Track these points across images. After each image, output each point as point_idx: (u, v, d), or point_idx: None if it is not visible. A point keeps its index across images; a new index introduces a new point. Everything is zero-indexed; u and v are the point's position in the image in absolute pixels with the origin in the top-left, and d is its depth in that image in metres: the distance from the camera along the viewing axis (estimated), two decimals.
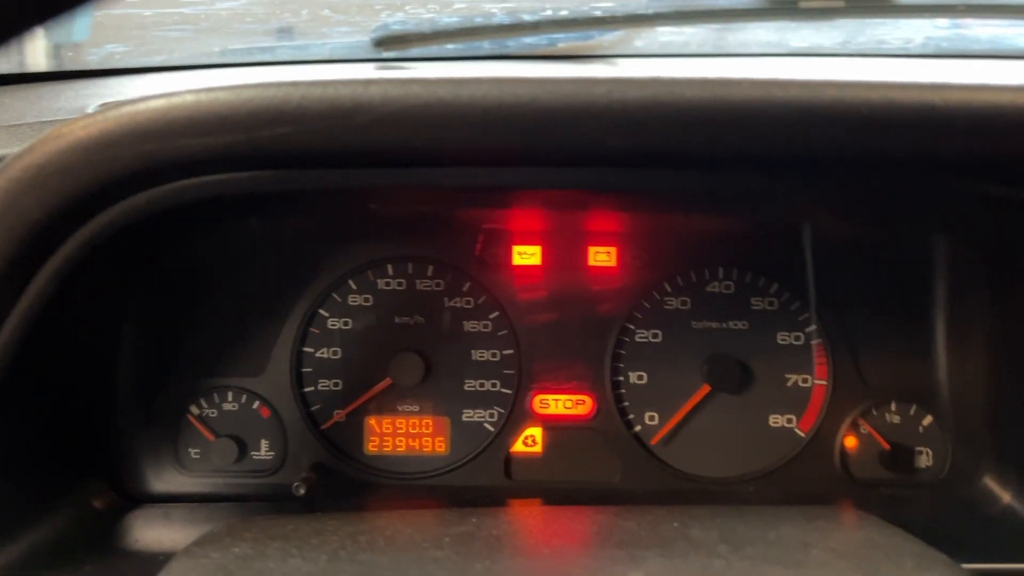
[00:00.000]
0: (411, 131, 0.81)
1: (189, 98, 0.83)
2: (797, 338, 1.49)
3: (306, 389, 1.49)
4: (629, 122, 0.81)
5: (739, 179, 0.89)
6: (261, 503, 1.44)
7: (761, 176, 0.90)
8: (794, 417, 1.49)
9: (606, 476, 1.50)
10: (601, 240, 1.50)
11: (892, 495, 1.47)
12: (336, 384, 1.50)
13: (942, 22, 1.78)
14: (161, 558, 0.96)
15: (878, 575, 0.83)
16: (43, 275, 0.92)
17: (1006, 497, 1.40)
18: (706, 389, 1.48)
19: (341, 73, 0.84)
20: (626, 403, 1.50)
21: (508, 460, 1.50)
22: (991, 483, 1.43)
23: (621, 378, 1.50)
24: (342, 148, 0.82)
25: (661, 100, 0.81)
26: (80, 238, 0.90)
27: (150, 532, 1.29)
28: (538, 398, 1.50)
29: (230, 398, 1.49)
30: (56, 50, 2.09)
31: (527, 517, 1.00)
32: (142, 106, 0.82)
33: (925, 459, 1.48)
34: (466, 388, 1.50)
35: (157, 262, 1.37)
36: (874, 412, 1.48)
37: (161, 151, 0.82)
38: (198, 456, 1.47)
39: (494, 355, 1.50)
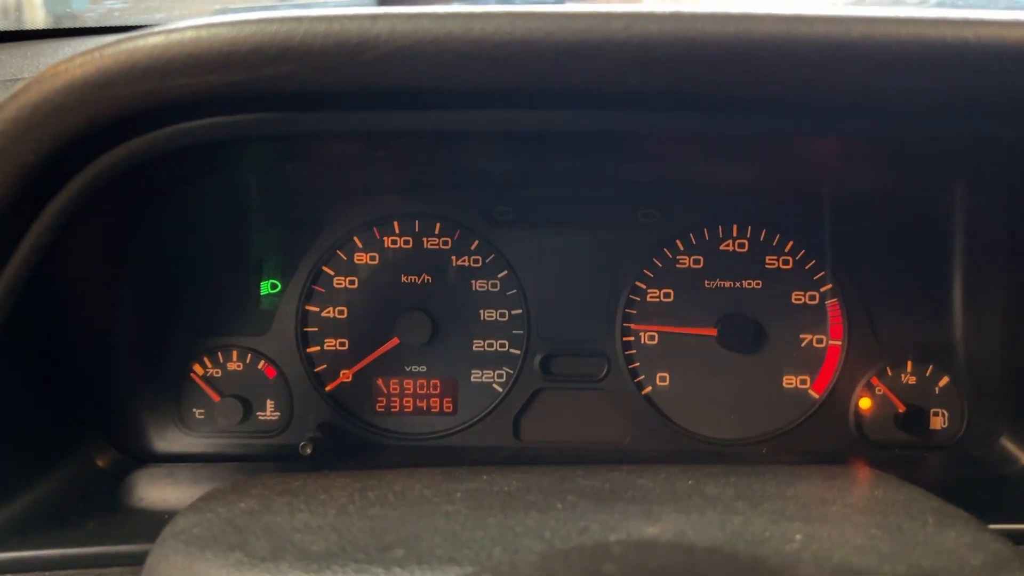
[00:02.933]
0: (420, 68, 0.78)
1: (189, 34, 0.79)
2: (812, 297, 1.46)
3: (311, 349, 1.47)
4: (648, 59, 0.77)
5: (761, 123, 0.85)
6: (266, 463, 1.42)
7: (783, 120, 0.86)
8: (808, 378, 1.46)
9: (616, 437, 1.48)
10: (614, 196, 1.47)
11: (907, 456, 1.45)
12: (342, 344, 1.47)
13: None
14: (165, 516, 0.95)
15: (900, 531, 0.81)
16: (40, 224, 0.89)
17: (1023, 458, 1.38)
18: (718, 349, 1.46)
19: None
20: (637, 363, 1.48)
21: (517, 421, 1.48)
22: (1008, 444, 1.42)
23: (632, 338, 1.47)
24: (348, 87, 0.79)
25: (681, 36, 0.77)
26: (77, 184, 0.87)
27: (154, 491, 1.28)
28: (547, 359, 1.48)
29: (235, 357, 1.46)
30: (55, 9, 2.06)
31: (539, 474, 0.97)
32: (140, 42, 0.79)
33: (941, 421, 1.46)
34: (474, 348, 1.48)
35: (157, 214, 1.34)
36: (889, 373, 1.46)
37: (161, 90, 0.79)
38: (202, 416, 1.46)
39: (503, 315, 1.48)
